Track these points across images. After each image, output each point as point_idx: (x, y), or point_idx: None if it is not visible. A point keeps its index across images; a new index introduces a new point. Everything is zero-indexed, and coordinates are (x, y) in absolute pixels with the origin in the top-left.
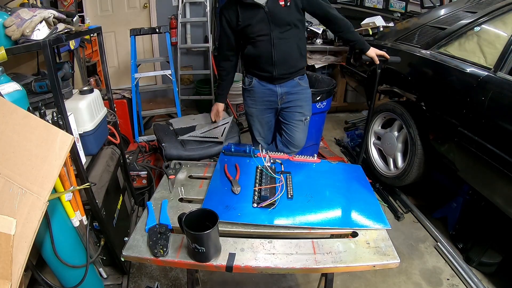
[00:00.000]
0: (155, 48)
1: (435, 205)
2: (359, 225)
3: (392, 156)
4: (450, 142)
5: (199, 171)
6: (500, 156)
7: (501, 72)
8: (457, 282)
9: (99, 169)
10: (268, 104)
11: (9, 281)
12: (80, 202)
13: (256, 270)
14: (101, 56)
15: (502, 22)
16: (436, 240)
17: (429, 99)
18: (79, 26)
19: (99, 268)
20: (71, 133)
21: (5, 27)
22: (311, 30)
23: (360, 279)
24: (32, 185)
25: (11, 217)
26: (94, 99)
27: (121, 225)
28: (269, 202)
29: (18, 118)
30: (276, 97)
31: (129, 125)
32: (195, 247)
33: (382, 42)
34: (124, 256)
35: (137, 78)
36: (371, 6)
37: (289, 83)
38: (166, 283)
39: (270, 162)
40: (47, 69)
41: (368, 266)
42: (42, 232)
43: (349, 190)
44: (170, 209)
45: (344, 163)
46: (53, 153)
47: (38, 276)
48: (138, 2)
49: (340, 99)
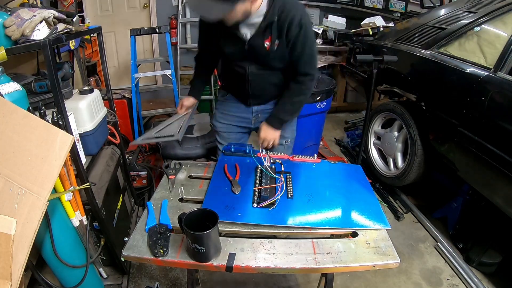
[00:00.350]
0: (155, 48)
1: (435, 205)
2: (359, 225)
3: (392, 156)
4: (450, 142)
5: (199, 171)
6: (500, 156)
7: (501, 72)
8: (457, 282)
9: (99, 169)
10: (239, 121)
11: (9, 281)
12: (80, 202)
13: (256, 270)
14: (101, 56)
15: (502, 22)
16: (436, 240)
17: (429, 99)
18: (79, 26)
19: (99, 268)
20: (71, 133)
21: (5, 27)
22: None
23: (360, 279)
24: (32, 185)
25: (11, 217)
26: (94, 99)
27: (121, 225)
28: (269, 202)
29: (18, 118)
30: (250, 114)
31: (129, 125)
32: (195, 247)
33: (382, 42)
34: (124, 256)
35: (137, 78)
36: (371, 6)
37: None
38: (166, 283)
39: (270, 162)
40: (47, 69)
41: (368, 266)
42: (42, 232)
43: (349, 190)
44: (170, 209)
45: (344, 163)
46: (53, 153)
47: (38, 276)
48: (138, 2)
49: (340, 99)
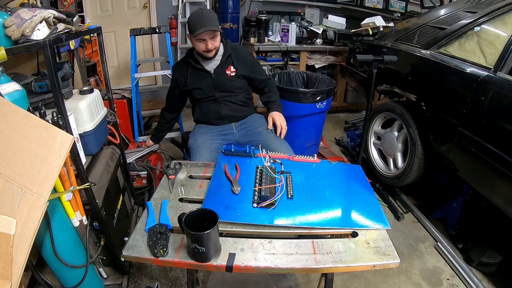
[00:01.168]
0: (155, 48)
1: (435, 205)
2: (359, 225)
3: (392, 156)
4: (450, 142)
5: (199, 171)
6: (500, 156)
7: (501, 72)
8: (457, 282)
9: (99, 169)
10: (220, 131)
11: (9, 281)
12: (80, 202)
13: (256, 270)
14: (101, 56)
15: (502, 22)
16: (436, 240)
17: (429, 99)
18: (79, 26)
19: (99, 268)
20: (71, 133)
21: (5, 27)
22: (311, 30)
23: (360, 279)
24: (32, 185)
25: (11, 217)
26: (94, 99)
27: (121, 225)
28: (269, 202)
29: (18, 118)
30: (232, 129)
31: (129, 125)
32: (195, 247)
33: (382, 42)
34: (124, 256)
35: (137, 78)
36: (371, 6)
37: (241, 121)
38: (166, 283)
39: (270, 162)
40: (47, 69)
41: (368, 266)
42: (42, 232)
43: (349, 190)
44: (170, 209)
45: (344, 163)
46: (53, 153)
47: (38, 276)
48: (138, 2)
49: (340, 99)
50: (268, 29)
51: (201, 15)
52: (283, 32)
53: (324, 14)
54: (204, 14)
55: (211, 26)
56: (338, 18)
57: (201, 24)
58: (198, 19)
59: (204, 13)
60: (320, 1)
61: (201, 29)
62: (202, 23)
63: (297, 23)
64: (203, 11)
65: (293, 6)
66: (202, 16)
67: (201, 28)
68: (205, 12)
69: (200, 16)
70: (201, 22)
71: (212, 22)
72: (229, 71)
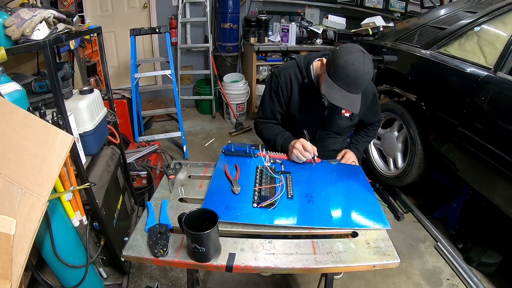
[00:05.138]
0: (155, 48)
1: (435, 205)
2: (359, 225)
3: (392, 156)
4: (450, 142)
5: (199, 171)
6: (500, 156)
7: (501, 72)
8: (457, 282)
9: (99, 169)
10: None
11: (9, 281)
12: (80, 202)
13: (256, 270)
14: (101, 56)
15: (502, 22)
16: (436, 240)
17: (429, 99)
18: (79, 26)
19: (99, 268)
20: (71, 133)
21: (5, 27)
22: (311, 30)
23: (360, 279)
24: (32, 185)
25: (11, 217)
26: (94, 99)
27: (121, 225)
28: (269, 202)
29: (18, 118)
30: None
31: (129, 125)
32: (195, 247)
33: (382, 42)
34: (124, 256)
35: (137, 78)
36: (371, 6)
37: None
38: (166, 283)
39: (270, 162)
40: (47, 69)
41: (368, 266)
42: (42, 232)
43: (349, 190)
44: (170, 209)
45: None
46: (53, 153)
47: (38, 276)
48: (138, 2)
49: None
50: (268, 29)
51: (359, 75)
52: (283, 32)
53: (324, 14)
54: (362, 76)
55: (358, 94)
56: (338, 18)
57: (354, 87)
58: (352, 79)
59: (362, 75)
60: (320, 1)
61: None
62: (354, 87)
63: (297, 23)
64: (363, 70)
65: (293, 6)
66: (359, 77)
67: (350, 91)
68: (364, 73)
69: (355, 75)
70: (354, 85)
71: (362, 88)
72: (344, 109)
